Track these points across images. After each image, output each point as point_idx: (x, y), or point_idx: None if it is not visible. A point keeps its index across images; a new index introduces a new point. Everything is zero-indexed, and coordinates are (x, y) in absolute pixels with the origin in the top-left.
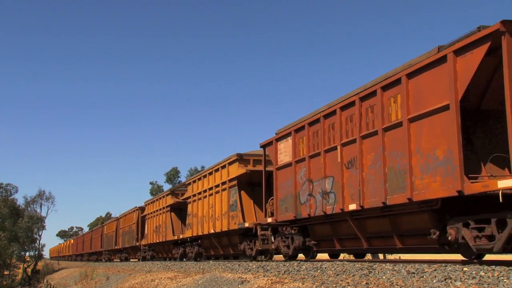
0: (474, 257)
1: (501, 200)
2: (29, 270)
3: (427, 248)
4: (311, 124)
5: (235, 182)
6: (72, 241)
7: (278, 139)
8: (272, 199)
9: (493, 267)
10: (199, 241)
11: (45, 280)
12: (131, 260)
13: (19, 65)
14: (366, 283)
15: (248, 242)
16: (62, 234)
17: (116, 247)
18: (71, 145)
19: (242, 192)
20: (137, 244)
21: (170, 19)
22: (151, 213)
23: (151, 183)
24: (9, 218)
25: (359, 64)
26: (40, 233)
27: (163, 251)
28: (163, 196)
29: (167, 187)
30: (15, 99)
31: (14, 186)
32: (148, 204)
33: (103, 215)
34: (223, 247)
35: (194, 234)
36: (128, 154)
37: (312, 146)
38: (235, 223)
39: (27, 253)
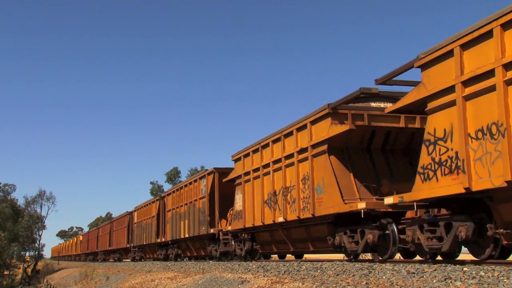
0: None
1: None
2: (29, 270)
3: None
4: None
5: None
6: (80, 237)
7: None
8: None
9: (493, 267)
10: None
11: (45, 280)
12: (184, 258)
13: (19, 65)
14: (366, 283)
15: None
16: (62, 234)
17: (160, 240)
18: (71, 145)
19: None
20: (210, 231)
21: (170, 19)
22: (258, 169)
23: (151, 183)
24: (10, 218)
25: (359, 64)
26: (40, 233)
27: (288, 240)
28: (304, 127)
29: (167, 187)
30: (15, 99)
31: (11, 185)
32: (249, 154)
33: (103, 215)
34: None
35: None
36: (128, 154)
37: None
38: None
39: (27, 253)
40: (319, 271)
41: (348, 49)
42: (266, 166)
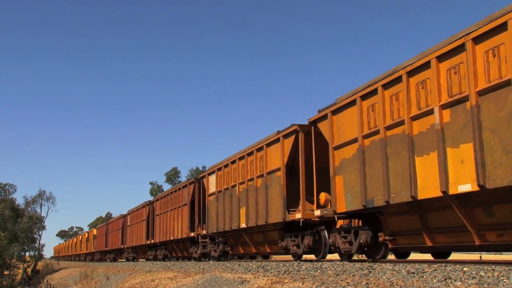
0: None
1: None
2: (29, 270)
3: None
4: None
5: None
6: (94, 231)
7: None
8: None
9: (493, 267)
10: None
11: (45, 280)
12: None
13: (19, 65)
14: (366, 283)
15: None
16: (62, 234)
17: (303, 216)
18: (71, 145)
19: None
20: None
21: (170, 19)
22: None
23: (151, 183)
24: (9, 218)
25: (358, 64)
26: (40, 233)
27: None
28: None
29: (167, 187)
30: (15, 99)
31: (12, 185)
32: None
33: (103, 215)
34: None
35: None
36: (128, 154)
37: None
38: None
39: (27, 253)
40: (319, 271)
41: (349, 49)
42: None
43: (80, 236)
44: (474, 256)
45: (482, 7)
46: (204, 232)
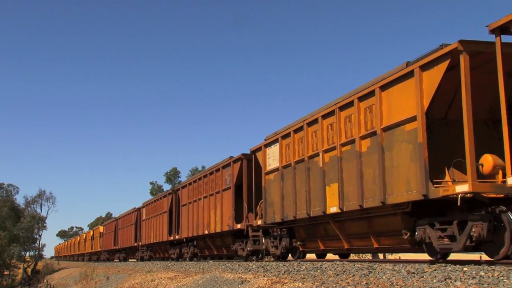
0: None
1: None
2: (29, 270)
3: None
4: None
5: None
6: (101, 228)
7: None
8: None
9: (493, 267)
10: None
11: (45, 280)
12: None
13: (19, 65)
14: (366, 283)
15: None
16: (62, 234)
17: None
18: (71, 145)
19: None
20: None
21: (170, 19)
22: None
23: (151, 183)
24: (9, 218)
25: (358, 64)
26: (40, 233)
27: None
28: None
29: (167, 187)
30: (15, 99)
31: (15, 186)
32: None
33: (103, 215)
34: None
35: None
36: (128, 154)
37: None
38: None
39: (27, 253)
40: (319, 271)
41: (348, 49)
42: None
43: (84, 235)
44: (474, 256)
45: (482, 6)
46: (260, 222)
